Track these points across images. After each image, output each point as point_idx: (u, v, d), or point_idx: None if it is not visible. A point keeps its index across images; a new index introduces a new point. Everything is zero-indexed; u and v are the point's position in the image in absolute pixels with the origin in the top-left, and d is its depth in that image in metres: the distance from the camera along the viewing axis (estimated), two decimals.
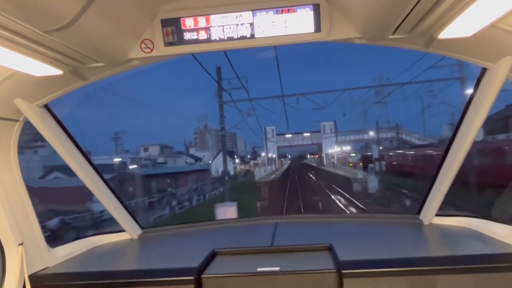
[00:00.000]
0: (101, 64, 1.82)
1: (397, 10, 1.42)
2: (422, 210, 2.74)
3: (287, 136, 64.37)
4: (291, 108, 30.57)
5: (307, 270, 1.97)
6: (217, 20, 1.78)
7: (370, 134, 48.54)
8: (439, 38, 1.67)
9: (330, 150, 61.57)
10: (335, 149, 60.68)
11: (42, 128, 2.11)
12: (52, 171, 29.61)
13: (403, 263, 1.89)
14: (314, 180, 46.45)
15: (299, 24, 1.76)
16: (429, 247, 2.28)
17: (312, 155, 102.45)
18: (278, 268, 2.00)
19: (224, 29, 1.78)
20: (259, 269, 2.01)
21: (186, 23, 1.78)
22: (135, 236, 2.90)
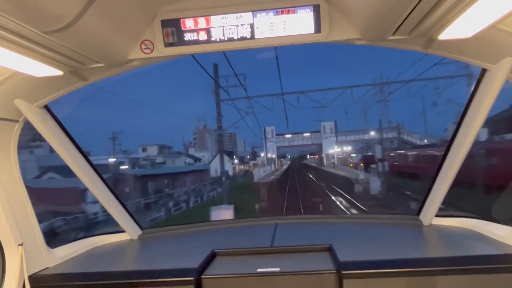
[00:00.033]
0: (101, 64, 1.82)
1: (397, 11, 1.42)
2: (421, 211, 2.74)
3: (286, 136, 64.17)
4: (291, 107, 29.99)
5: (307, 271, 1.98)
6: (217, 21, 1.78)
7: (371, 134, 48.15)
8: (439, 39, 1.67)
9: (330, 151, 61.34)
10: (336, 149, 60.49)
11: (42, 128, 2.11)
12: (47, 171, 29.29)
13: (403, 264, 1.89)
14: (314, 180, 46.21)
15: (299, 25, 1.75)
16: (428, 248, 2.28)
17: (312, 156, 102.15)
18: (278, 269, 2.00)
19: (224, 30, 1.78)
20: (259, 269, 2.01)
21: (186, 24, 1.78)
22: (135, 237, 2.90)
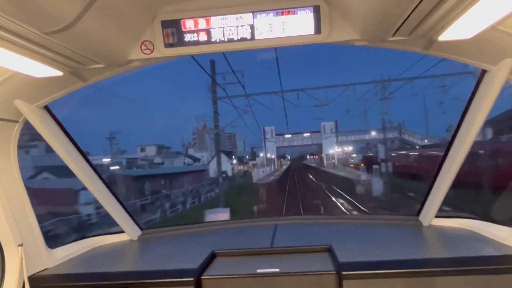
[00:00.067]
0: (101, 65, 1.82)
1: (397, 12, 1.42)
2: (421, 212, 2.74)
3: (286, 136, 63.92)
4: (291, 105, 29.01)
5: (307, 271, 1.98)
6: (217, 21, 1.78)
7: (372, 134, 47.85)
8: (439, 40, 1.67)
9: (331, 151, 60.99)
10: (336, 149, 60.30)
11: (42, 129, 2.11)
12: (42, 171, 28.98)
13: (403, 265, 1.89)
14: (315, 181, 46.00)
15: (299, 26, 1.75)
16: (428, 249, 2.28)
17: (312, 156, 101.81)
18: (277, 270, 2.00)
19: (224, 30, 1.78)
20: (258, 270, 2.01)
21: (186, 25, 1.78)
22: (135, 237, 2.90)
